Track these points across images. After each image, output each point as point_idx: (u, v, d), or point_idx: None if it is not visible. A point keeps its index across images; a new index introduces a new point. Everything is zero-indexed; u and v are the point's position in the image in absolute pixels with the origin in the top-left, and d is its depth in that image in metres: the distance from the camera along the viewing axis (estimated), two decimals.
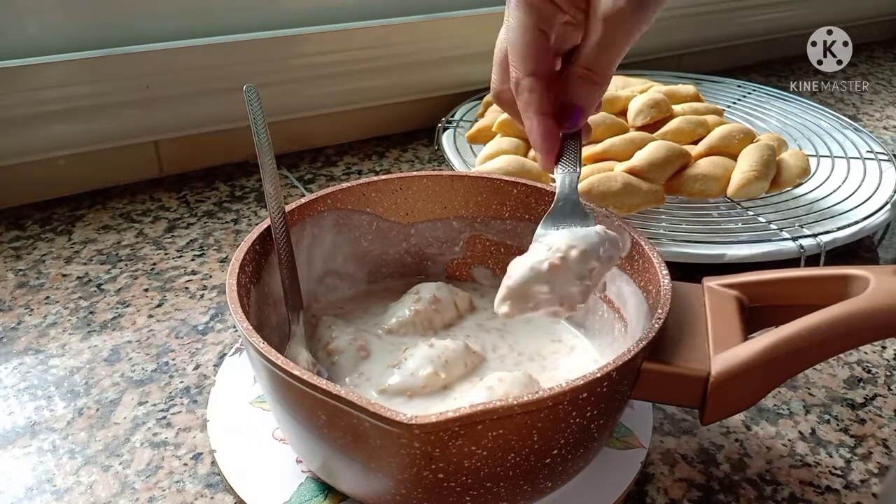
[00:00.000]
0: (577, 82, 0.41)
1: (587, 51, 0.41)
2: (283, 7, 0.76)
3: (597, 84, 0.41)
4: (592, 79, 0.41)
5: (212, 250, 0.63)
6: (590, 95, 0.42)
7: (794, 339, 0.35)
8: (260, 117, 0.44)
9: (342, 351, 0.44)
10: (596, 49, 0.40)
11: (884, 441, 0.45)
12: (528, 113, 0.42)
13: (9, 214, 0.67)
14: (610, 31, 0.40)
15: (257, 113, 0.44)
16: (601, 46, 0.40)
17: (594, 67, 0.41)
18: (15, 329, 0.53)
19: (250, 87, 0.44)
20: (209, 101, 0.72)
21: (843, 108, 0.96)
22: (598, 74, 0.41)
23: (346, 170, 0.78)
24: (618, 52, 0.41)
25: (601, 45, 0.40)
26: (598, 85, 0.41)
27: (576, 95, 0.41)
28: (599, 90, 0.42)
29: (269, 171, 0.44)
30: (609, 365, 0.33)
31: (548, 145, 0.42)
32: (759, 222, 0.61)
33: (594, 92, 0.42)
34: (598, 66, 0.41)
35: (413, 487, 0.33)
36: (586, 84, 0.41)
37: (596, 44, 0.40)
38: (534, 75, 0.42)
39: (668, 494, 0.41)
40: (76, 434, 0.44)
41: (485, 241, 0.51)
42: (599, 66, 0.41)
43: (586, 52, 0.41)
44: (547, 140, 0.42)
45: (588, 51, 0.41)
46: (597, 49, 0.40)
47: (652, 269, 0.40)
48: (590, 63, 0.41)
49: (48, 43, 0.65)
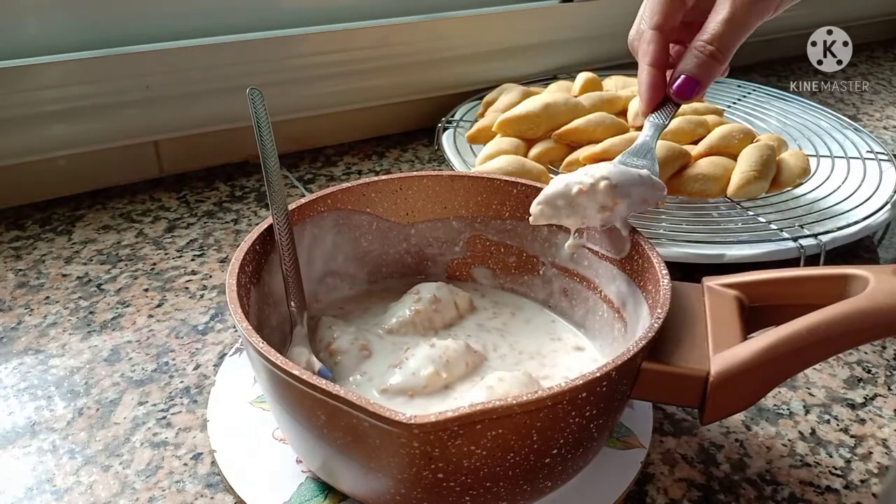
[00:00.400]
0: (697, 54, 0.44)
1: (712, 26, 0.44)
2: (283, 7, 0.76)
3: (715, 60, 0.44)
4: (712, 53, 0.44)
5: (212, 250, 0.63)
6: (706, 69, 0.44)
7: (794, 338, 0.35)
8: (265, 120, 0.44)
9: (345, 351, 0.44)
10: (720, 25, 0.43)
11: (884, 441, 0.45)
12: (642, 62, 0.47)
13: (9, 214, 0.67)
14: (736, 10, 0.43)
15: (262, 115, 0.44)
16: (726, 22, 0.43)
17: (715, 42, 0.44)
18: (15, 329, 0.53)
19: (254, 89, 0.44)
20: (209, 101, 0.72)
21: (843, 108, 0.96)
22: (718, 50, 0.44)
23: (346, 170, 0.78)
24: (740, 31, 0.43)
25: (726, 22, 0.43)
26: (717, 61, 0.44)
27: (693, 66, 0.44)
28: (717, 66, 0.44)
29: (274, 174, 0.44)
30: (608, 364, 0.33)
31: (648, 95, 0.46)
32: (759, 222, 0.61)
33: (711, 67, 0.44)
34: (719, 41, 0.44)
35: (412, 487, 0.33)
36: (705, 57, 0.44)
37: (722, 20, 0.43)
38: (658, 29, 0.46)
39: (668, 494, 0.41)
40: (76, 434, 0.44)
41: (485, 241, 0.51)
42: (721, 41, 0.44)
43: (711, 27, 0.44)
44: (649, 90, 0.46)
45: (712, 26, 0.44)
46: (721, 25, 0.43)
47: (652, 269, 0.40)
48: (712, 38, 0.44)
49: (48, 43, 0.65)
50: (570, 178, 0.43)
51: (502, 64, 0.86)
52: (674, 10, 0.47)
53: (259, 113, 0.44)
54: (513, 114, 0.68)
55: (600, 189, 0.42)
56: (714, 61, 0.44)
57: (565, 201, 0.43)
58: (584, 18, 0.90)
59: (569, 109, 0.69)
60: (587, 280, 0.47)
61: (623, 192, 0.42)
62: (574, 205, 0.42)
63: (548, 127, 0.68)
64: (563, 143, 0.68)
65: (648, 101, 0.47)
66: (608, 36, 0.93)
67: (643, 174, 0.44)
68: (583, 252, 0.47)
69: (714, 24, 0.44)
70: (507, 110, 0.70)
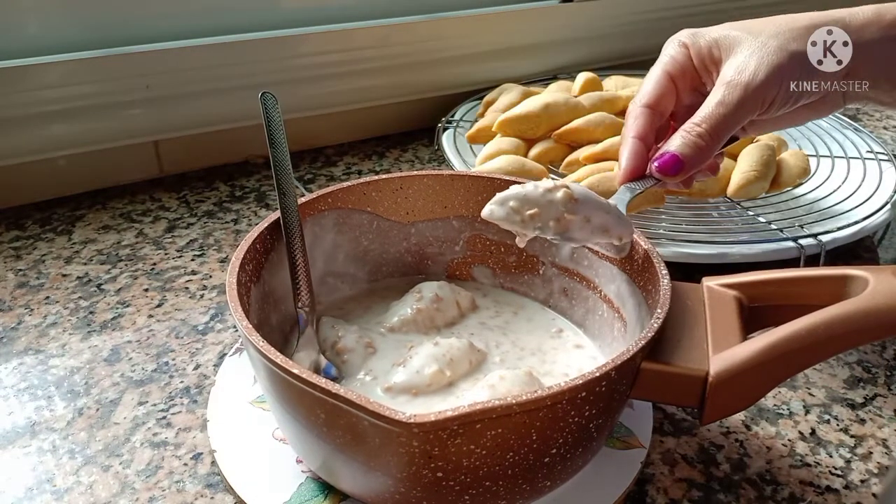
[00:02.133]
0: (684, 134, 0.44)
1: (703, 108, 0.45)
2: (283, 7, 0.76)
3: (701, 139, 0.44)
4: (699, 134, 0.44)
5: (212, 250, 0.63)
6: (691, 149, 0.44)
7: (793, 339, 0.35)
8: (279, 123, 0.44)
9: (351, 349, 0.44)
10: (711, 108, 0.44)
11: (884, 441, 0.45)
12: (627, 135, 0.47)
13: (9, 214, 0.67)
14: (729, 94, 0.44)
15: (277, 119, 0.44)
16: (716, 105, 0.44)
17: (703, 124, 0.44)
18: (15, 329, 0.53)
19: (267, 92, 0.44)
20: (209, 101, 0.72)
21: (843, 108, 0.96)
22: (706, 132, 0.44)
23: (346, 170, 0.78)
24: (730, 115, 0.44)
25: (717, 104, 0.44)
26: (703, 141, 0.44)
27: (678, 145, 0.44)
28: (702, 147, 0.44)
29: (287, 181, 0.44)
30: (608, 364, 0.33)
31: (628, 164, 0.46)
32: (759, 222, 0.61)
33: (696, 147, 0.44)
34: (707, 122, 0.44)
35: (412, 486, 0.33)
36: (691, 137, 0.44)
37: (713, 103, 0.44)
38: (647, 107, 0.47)
39: (668, 494, 0.41)
40: (76, 434, 0.44)
41: (485, 241, 0.51)
42: (709, 123, 0.44)
43: (702, 109, 0.45)
44: (629, 159, 0.46)
45: (704, 108, 0.45)
46: (711, 108, 0.44)
47: (652, 269, 0.40)
48: (702, 119, 0.44)
49: (48, 43, 0.65)
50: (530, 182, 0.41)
51: (502, 64, 0.86)
52: (665, 93, 0.47)
53: (274, 116, 0.44)
54: (513, 114, 0.68)
55: (557, 197, 0.40)
56: (700, 141, 0.44)
57: (518, 202, 0.40)
58: (584, 18, 0.90)
59: (569, 109, 0.69)
60: (587, 280, 0.47)
61: (582, 209, 0.40)
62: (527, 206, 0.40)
63: (548, 127, 0.68)
64: (563, 143, 0.68)
65: (627, 169, 0.46)
66: (608, 36, 0.93)
67: (611, 204, 0.42)
68: (583, 252, 0.47)
69: (705, 106, 0.45)
70: (507, 110, 0.70)
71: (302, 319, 0.43)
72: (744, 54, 0.44)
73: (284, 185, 0.44)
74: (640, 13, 0.94)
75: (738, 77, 0.44)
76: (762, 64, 0.44)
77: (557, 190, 0.40)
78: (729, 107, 0.44)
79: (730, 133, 0.45)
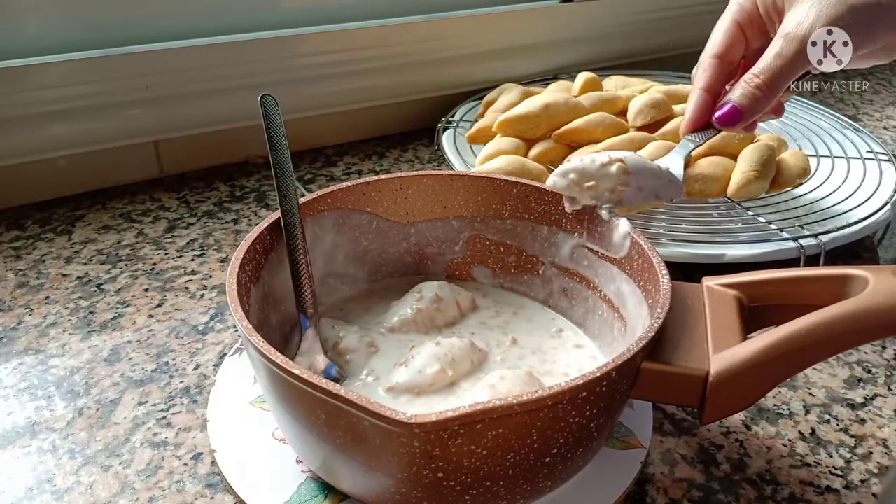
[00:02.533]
0: (743, 85, 0.47)
1: (762, 59, 0.46)
2: (283, 7, 0.76)
3: (759, 91, 0.46)
4: (758, 85, 0.46)
5: (212, 250, 0.63)
6: (750, 99, 0.46)
7: (793, 338, 0.35)
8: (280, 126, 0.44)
9: (354, 349, 0.44)
10: (769, 59, 0.46)
11: (884, 441, 0.45)
12: (696, 86, 0.49)
13: (9, 214, 0.67)
14: (786, 46, 0.45)
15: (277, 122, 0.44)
16: (774, 56, 0.46)
17: (762, 75, 0.46)
18: (15, 329, 0.53)
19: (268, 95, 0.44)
20: (209, 101, 0.72)
21: (843, 108, 0.96)
22: (763, 83, 0.46)
23: (346, 170, 0.78)
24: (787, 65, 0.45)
25: (775, 56, 0.46)
26: (761, 92, 0.46)
27: (738, 96, 0.47)
28: (761, 98, 0.46)
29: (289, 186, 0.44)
30: (609, 364, 0.33)
31: (692, 115, 0.49)
32: (759, 222, 0.61)
33: (755, 98, 0.46)
34: (766, 73, 0.46)
35: (413, 486, 0.33)
36: (751, 88, 0.46)
37: (771, 54, 0.46)
38: (716, 58, 0.49)
39: (668, 494, 0.41)
40: (76, 434, 0.44)
41: (485, 241, 0.51)
42: (767, 74, 0.46)
43: (761, 61, 0.46)
44: (694, 111, 0.49)
45: (763, 59, 0.46)
46: (770, 59, 0.46)
47: (652, 269, 0.40)
48: (760, 70, 0.46)
49: (48, 43, 0.65)
50: (587, 155, 0.45)
51: (502, 64, 0.86)
52: (734, 42, 0.49)
53: (274, 119, 0.44)
54: (513, 114, 0.68)
55: (612, 171, 0.43)
56: (759, 93, 0.46)
57: (577, 175, 0.44)
58: (584, 18, 0.90)
59: (569, 109, 0.69)
60: (587, 280, 0.47)
61: (635, 179, 0.43)
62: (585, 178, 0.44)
63: (548, 127, 0.68)
64: (563, 143, 0.68)
65: (690, 120, 0.49)
66: (608, 36, 0.93)
67: (662, 167, 0.45)
68: (582, 252, 0.47)
69: (764, 58, 0.46)
70: (507, 110, 0.70)
71: (305, 322, 0.43)
72: (804, 7, 0.45)
73: (286, 187, 0.44)
74: (640, 13, 0.94)
75: (795, 30, 0.45)
76: (820, 17, 0.44)
77: (612, 164, 0.43)
78: (786, 59, 0.45)
79: (788, 82, 0.46)
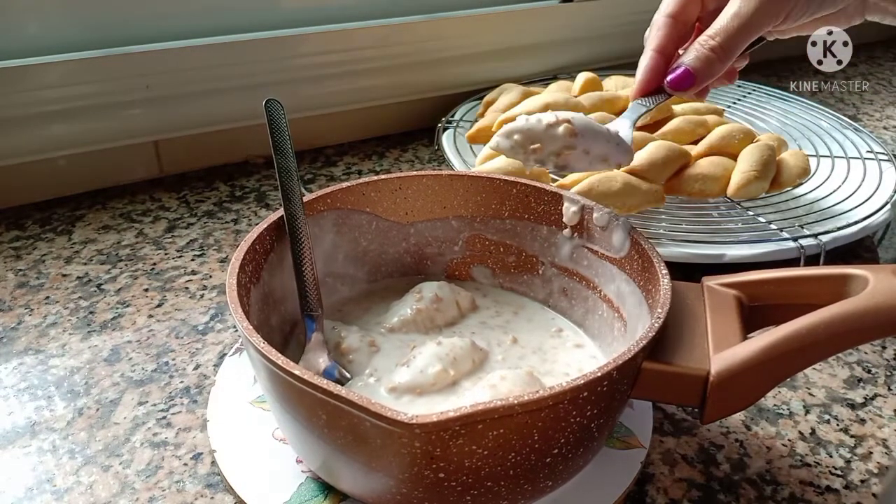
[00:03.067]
0: (697, 48, 0.45)
1: (718, 21, 0.44)
2: (283, 7, 0.76)
3: (714, 54, 0.44)
4: (713, 47, 0.44)
5: (212, 250, 0.63)
6: (704, 63, 0.44)
7: (793, 338, 0.35)
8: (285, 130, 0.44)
9: (356, 349, 0.44)
10: (726, 20, 0.44)
11: (884, 441, 0.45)
12: (647, 47, 0.47)
13: (9, 214, 0.67)
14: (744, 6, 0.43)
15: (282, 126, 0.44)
16: (731, 17, 0.44)
17: (717, 37, 0.44)
18: (15, 329, 0.53)
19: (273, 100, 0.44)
20: (209, 101, 0.72)
21: (843, 108, 0.96)
22: (719, 45, 0.44)
23: (346, 170, 0.78)
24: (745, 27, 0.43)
25: (732, 16, 0.44)
26: (716, 55, 0.44)
27: (692, 59, 0.45)
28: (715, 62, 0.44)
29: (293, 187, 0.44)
30: (609, 364, 0.33)
31: (643, 77, 0.46)
32: (759, 222, 0.61)
33: (710, 61, 0.44)
34: (721, 35, 0.44)
35: (414, 487, 0.33)
36: (705, 51, 0.44)
37: (728, 15, 0.44)
38: (669, 17, 0.47)
39: (668, 494, 0.41)
40: (76, 434, 0.44)
41: (484, 241, 0.51)
42: (723, 36, 0.44)
43: (717, 22, 0.44)
44: (645, 73, 0.46)
45: (719, 21, 0.44)
46: (726, 20, 0.44)
47: (652, 269, 0.40)
48: (716, 32, 0.44)
49: (48, 43, 0.65)
50: (533, 116, 0.43)
51: (502, 64, 0.86)
52: (688, 2, 0.47)
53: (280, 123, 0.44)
54: (513, 114, 0.68)
55: (559, 132, 0.42)
56: (713, 55, 0.44)
57: (522, 136, 0.43)
58: (584, 18, 0.90)
59: (569, 109, 0.69)
60: (587, 280, 0.47)
61: (582, 142, 0.42)
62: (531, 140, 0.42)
63: None
64: None
65: (641, 83, 0.47)
66: (608, 36, 0.93)
67: (611, 130, 0.43)
68: (582, 252, 0.47)
69: (721, 18, 0.44)
70: (507, 110, 0.70)
71: (311, 325, 0.43)
72: None
73: (291, 191, 0.44)
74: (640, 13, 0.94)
75: None
76: None
77: (559, 125, 0.42)
78: (744, 19, 0.44)
79: (744, 45, 0.45)
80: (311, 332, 0.43)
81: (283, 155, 0.45)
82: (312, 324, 0.43)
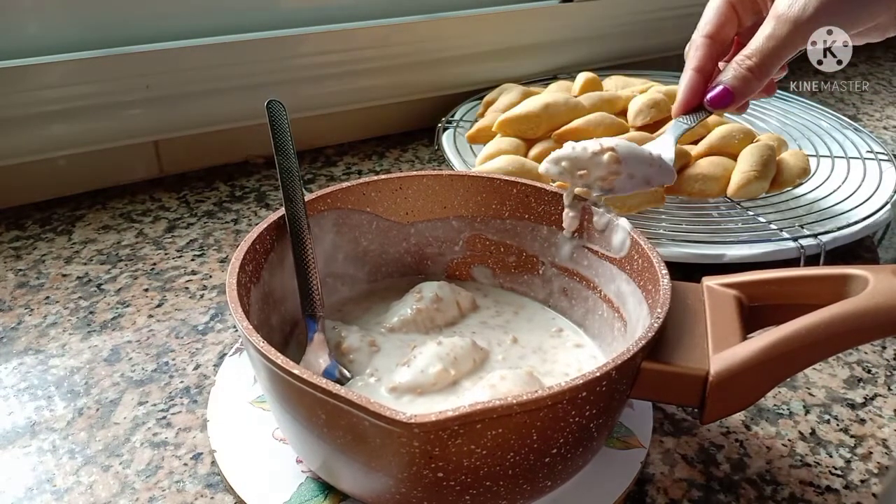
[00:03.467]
0: (735, 67, 0.47)
1: (754, 41, 0.46)
2: (283, 7, 0.76)
3: (751, 73, 0.46)
4: (749, 67, 0.46)
5: (212, 250, 0.63)
6: (742, 82, 0.47)
7: (793, 338, 0.35)
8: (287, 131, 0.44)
9: (357, 348, 0.44)
10: (761, 40, 0.46)
11: (884, 441, 0.45)
12: (687, 67, 0.49)
13: (9, 214, 0.67)
14: (779, 28, 0.45)
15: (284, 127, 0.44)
16: (766, 38, 0.45)
17: (754, 57, 0.46)
18: (15, 329, 0.53)
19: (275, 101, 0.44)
20: (209, 101, 0.72)
21: (843, 108, 0.96)
22: (755, 65, 0.46)
23: (346, 170, 0.78)
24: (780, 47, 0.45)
25: (767, 37, 0.45)
26: (753, 74, 0.46)
27: (730, 78, 0.47)
28: (752, 80, 0.46)
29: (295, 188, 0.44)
30: (608, 364, 0.33)
31: (684, 97, 0.49)
32: (759, 222, 0.61)
33: (747, 79, 0.46)
34: (758, 55, 0.46)
35: (413, 486, 0.33)
36: (742, 70, 0.46)
37: (763, 36, 0.46)
38: (707, 37, 0.49)
39: (668, 494, 0.41)
40: (76, 434, 0.44)
41: (484, 241, 0.51)
42: (759, 56, 0.46)
43: (753, 42, 0.46)
44: (686, 92, 0.49)
45: (754, 41, 0.46)
46: (762, 41, 0.46)
47: (652, 269, 0.40)
48: (752, 52, 0.46)
49: (48, 43, 0.65)
50: (579, 143, 0.45)
51: (502, 64, 0.86)
52: (725, 22, 0.49)
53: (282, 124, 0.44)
54: (513, 114, 0.68)
55: (604, 160, 0.44)
56: (750, 74, 0.46)
57: (569, 163, 0.45)
58: (584, 18, 0.90)
59: (569, 109, 0.69)
60: (587, 280, 0.47)
61: (627, 168, 0.44)
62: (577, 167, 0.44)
63: (548, 127, 0.68)
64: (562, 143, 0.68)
65: (682, 102, 0.49)
66: (608, 36, 0.93)
67: (654, 154, 0.45)
68: (583, 252, 0.47)
69: (756, 39, 0.46)
70: (507, 110, 0.70)
71: (313, 326, 0.43)
72: None
73: (293, 192, 0.44)
74: (640, 13, 0.94)
75: (787, 11, 0.45)
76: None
77: (604, 153, 0.44)
78: (778, 40, 0.45)
79: (780, 64, 0.46)
80: (313, 332, 0.43)
81: (284, 156, 0.45)
82: (314, 324, 0.43)
